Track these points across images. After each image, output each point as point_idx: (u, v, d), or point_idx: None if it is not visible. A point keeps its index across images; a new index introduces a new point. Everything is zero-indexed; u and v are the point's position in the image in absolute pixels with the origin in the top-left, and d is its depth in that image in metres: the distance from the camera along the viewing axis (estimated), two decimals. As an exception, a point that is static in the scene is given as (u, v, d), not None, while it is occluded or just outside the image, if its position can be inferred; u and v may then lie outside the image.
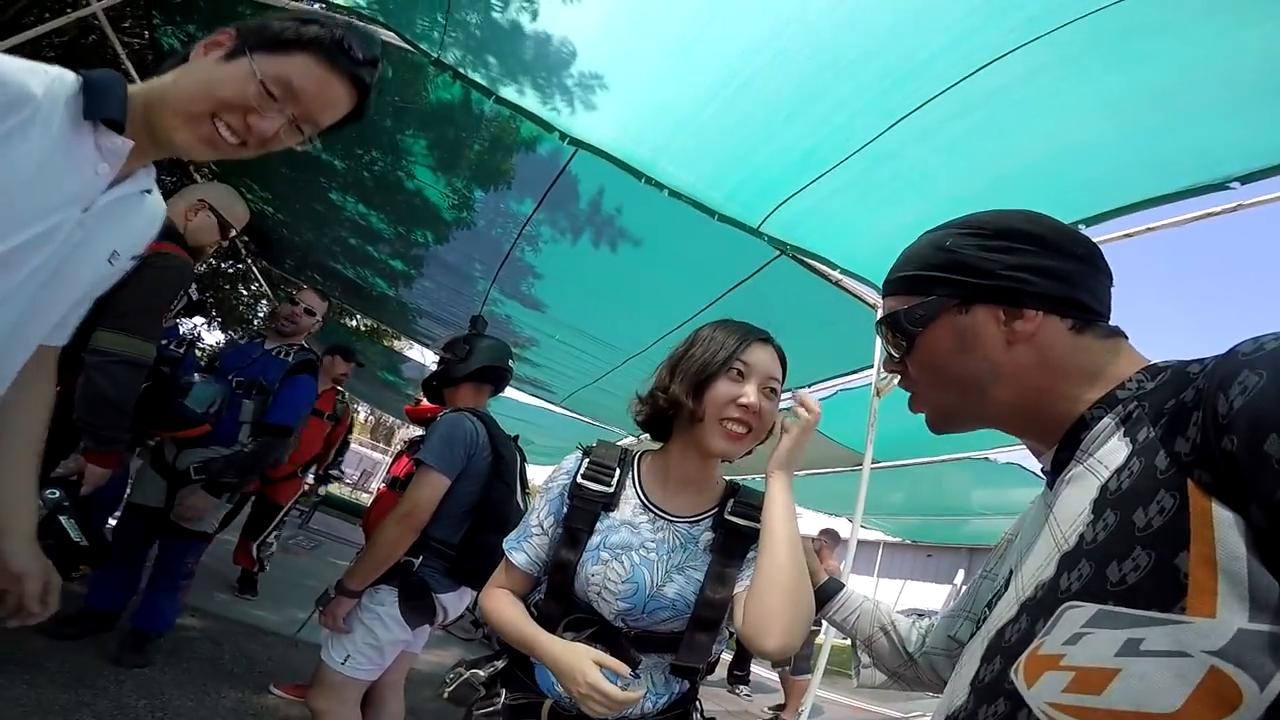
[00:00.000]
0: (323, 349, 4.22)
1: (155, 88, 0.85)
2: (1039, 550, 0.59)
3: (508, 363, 2.10)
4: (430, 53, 2.37)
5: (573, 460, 1.16)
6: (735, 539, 1.07)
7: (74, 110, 0.77)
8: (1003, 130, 1.92)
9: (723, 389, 1.05)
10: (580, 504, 1.10)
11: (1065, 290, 0.63)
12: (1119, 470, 0.53)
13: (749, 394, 1.04)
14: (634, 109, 2.26)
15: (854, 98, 1.92)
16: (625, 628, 1.05)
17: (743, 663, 6.36)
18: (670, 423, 1.13)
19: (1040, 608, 0.54)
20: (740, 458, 1.10)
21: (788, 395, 1.13)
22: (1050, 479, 0.64)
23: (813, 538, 5.32)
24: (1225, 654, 0.41)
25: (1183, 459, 0.47)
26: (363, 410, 17.86)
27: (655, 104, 2.21)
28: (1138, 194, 1.97)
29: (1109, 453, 0.55)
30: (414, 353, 8.32)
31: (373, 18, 2.39)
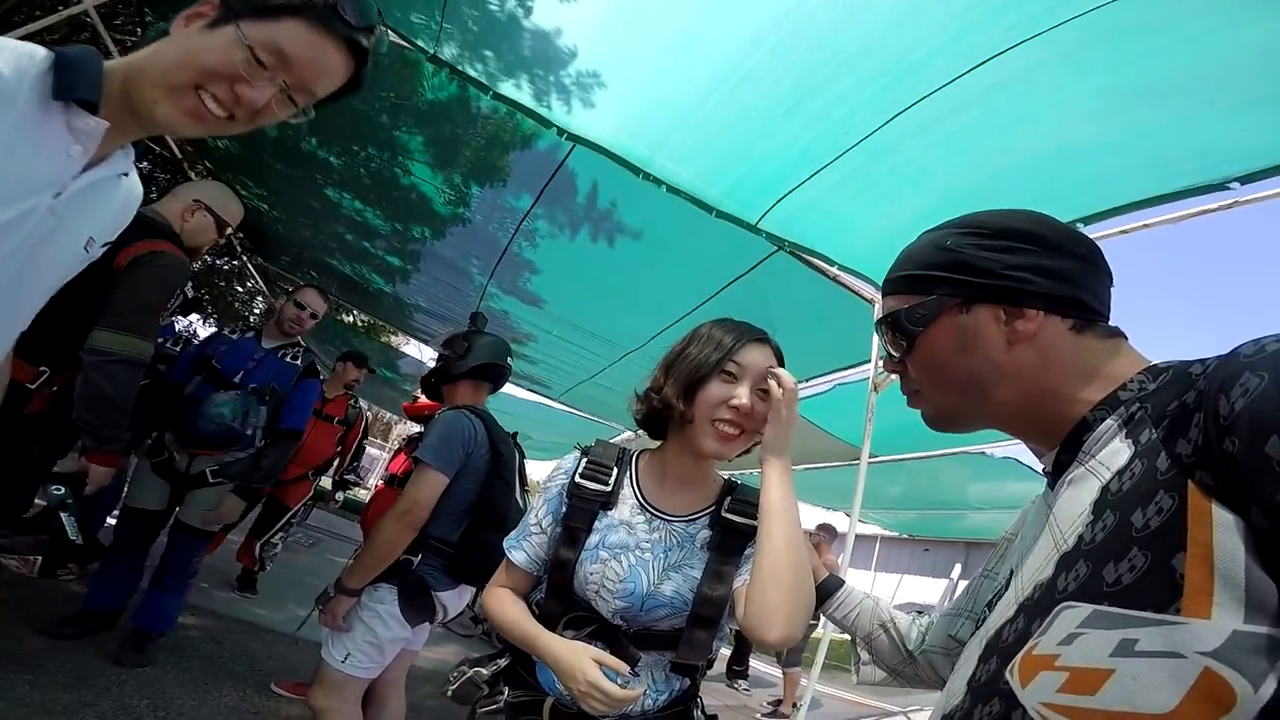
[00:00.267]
0: (335, 356, 4.33)
1: (134, 62, 0.78)
2: (1039, 551, 0.59)
3: (507, 360, 2.10)
4: (426, 49, 2.36)
5: (571, 460, 1.17)
6: (732, 537, 1.07)
7: (44, 89, 0.72)
8: (1000, 127, 1.91)
9: (715, 390, 1.05)
10: (578, 503, 1.10)
11: (1066, 290, 0.63)
12: (1120, 472, 0.53)
13: (741, 395, 1.04)
14: (632, 104, 2.25)
15: (852, 93, 1.92)
16: (624, 625, 1.05)
17: (741, 657, 6.41)
18: (666, 422, 1.14)
19: (1037, 608, 0.54)
20: (737, 457, 1.10)
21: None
22: (1052, 480, 0.64)
23: (810, 533, 5.35)
24: (1220, 655, 0.41)
25: (1184, 460, 0.47)
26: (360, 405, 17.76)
27: (653, 99, 2.19)
28: (1136, 193, 1.96)
29: (1111, 454, 0.55)
30: (411, 348, 8.30)
31: None
